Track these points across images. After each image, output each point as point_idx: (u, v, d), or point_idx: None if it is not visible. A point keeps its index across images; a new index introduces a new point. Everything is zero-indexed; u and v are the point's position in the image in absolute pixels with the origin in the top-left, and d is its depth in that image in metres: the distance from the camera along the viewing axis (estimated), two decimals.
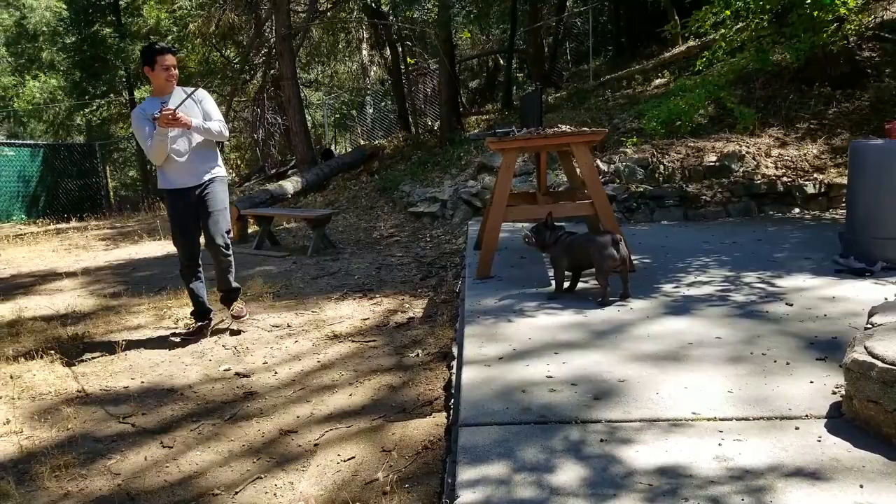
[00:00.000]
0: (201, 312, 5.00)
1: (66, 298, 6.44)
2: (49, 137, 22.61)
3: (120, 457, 3.09)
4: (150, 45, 4.70)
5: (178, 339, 4.85)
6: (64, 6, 23.40)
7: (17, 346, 4.81)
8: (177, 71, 4.70)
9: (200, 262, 4.93)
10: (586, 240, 4.35)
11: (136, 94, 20.34)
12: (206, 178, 4.77)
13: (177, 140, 4.63)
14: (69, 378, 4.14)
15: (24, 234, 12.02)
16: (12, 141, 19.29)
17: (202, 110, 4.75)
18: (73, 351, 4.69)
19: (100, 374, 4.21)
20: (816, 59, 8.72)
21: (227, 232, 4.89)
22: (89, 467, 3.00)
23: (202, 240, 4.88)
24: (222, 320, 5.17)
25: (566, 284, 4.53)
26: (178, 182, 4.72)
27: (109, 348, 4.72)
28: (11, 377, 4.17)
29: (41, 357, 4.51)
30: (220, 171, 4.90)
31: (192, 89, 4.76)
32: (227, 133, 4.85)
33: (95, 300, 6.32)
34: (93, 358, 4.53)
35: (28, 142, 19.20)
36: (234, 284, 5.08)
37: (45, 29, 24.13)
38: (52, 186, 17.14)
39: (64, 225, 13.86)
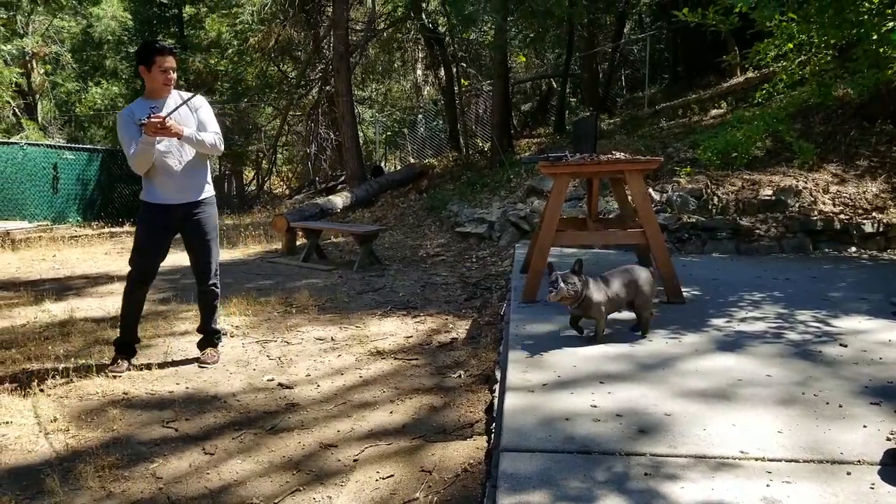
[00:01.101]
0: (131, 343, 4.56)
1: (117, 302, 6.51)
2: (108, 143, 23.31)
3: (162, 461, 3.13)
4: (149, 43, 4.25)
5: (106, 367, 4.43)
6: (129, 16, 24.24)
7: (67, 346, 4.93)
8: (175, 74, 4.28)
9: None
10: (624, 274, 4.04)
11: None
12: (198, 197, 4.38)
13: (169, 152, 4.23)
14: (116, 380, 4.22)
15: (79, 237, 12.38)
16: (72, 145, 19.92)
17: (197, 119, 4.33)
18: None
19: (146, 377, 4.28)
20: (880, 95, 8.51)
21: (217, 262, 4.57)
22: (132, 469, 3.04)
23: (172, 263, 4.58)
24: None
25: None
26: (166, 198, 4.29)
27: (156, 353, 4.81)
28: (62, 376, 4.26)
29: (90, 357, 4.61)
30: (211, 189, 4.50)
31: (190, 95, 4.35)
32: (221, 147, 4.41)
33: (146, 305, 6.45)
34: (140, 361, 4.61)
35: (87, 146, 19.80)
36: (218, 325, 4.73)
37: (109, 37, 24.98)
38: (108, 190, 17.64)
39: (118, 229, 14.24)
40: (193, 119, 4.31)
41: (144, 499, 2.78)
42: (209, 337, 4.68)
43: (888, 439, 2.60)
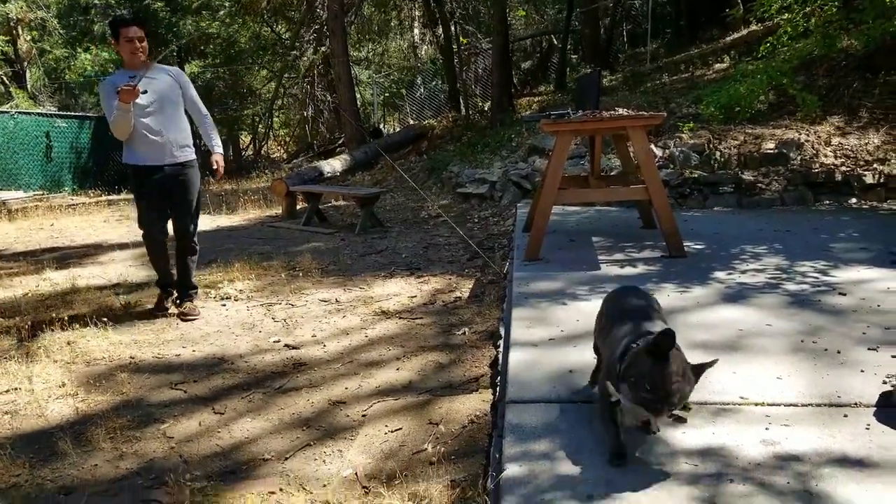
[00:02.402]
0: (171, 283, 4.98)
1: (119, 269, 6.62)
2: (100, 110, 23.06)
3: (173, 421, 3.18)
4: (114, 17, 4.48)
5: (153, 311, 4.91)
6: None
7: (71, 314, 4.96)
8: (144, 44, 4.41)
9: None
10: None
11: (187, 68, 20.63)
12: (182, 159, 4.62)
13: (150, 116, 4.45)
14: (122, 345, 4.26)
15: (76, 205, 12.34)
16: (64, 113, 19.70)
17: (188, 97, 4.64)
18: (125, 319, 4.81)
19: (152, 342, 4.32)
20: (885, 46, 8.41)
21: (198, 222, 4.83)
22: (143, 430, 3.09)
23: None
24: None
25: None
26: (149, 159, 4.52)
27: (161, 318, 4.83)
28: (67, 343, 4.30)
29: (94, 324, 4.64)
30: (193, 153, 4.74)
31: (172, 70, 4.66)
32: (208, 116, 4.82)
33: (147, 271, 6.46)
34: (145, 327, 4.65)
35: (79, 114, 19.57)
36: (194, 280, 4.97)
37: (96, 2, 24.55)
38: (103, 158, 17.40)
39: (115, 196, 14.20)
40: (178, 92, 4.60)
41: (157, 458, 2.83)
42: (188, 291, 4.93)
43: (884, 382, 2.65)
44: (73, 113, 19.80)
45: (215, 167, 4.75)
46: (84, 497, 2.51)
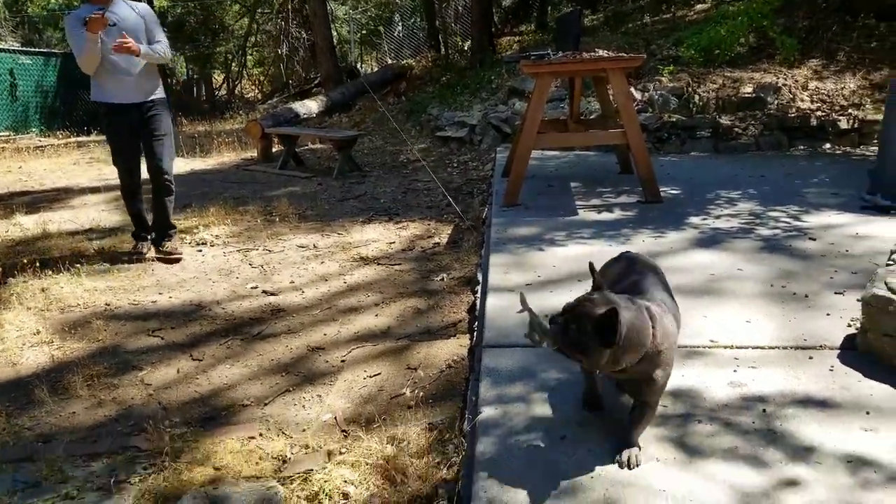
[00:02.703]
0: (146, 230, 4.97)
1: (90, 213, 6.51)
2: (66, 46, 22.30)
3: (151, 368, 3.19)
4: None
5: (129, 256, 4.90)
6: None
7: (43, 260, 4.87)
8: None
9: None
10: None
11: (156, 2, 20.03)
12: (151, 97, 4.61)
13: (118, 53, 4.37)
14: (97, 292, 4.23)
15: (45, 147, 12.02)
16: (28, 49, 18.92)
17: (147, 29, 4.54)
18: (99, 265, 4.75)
19: (127, 288, 4.29)
20: None
21: (173, 160, 4.80)
22: (121, 377, 3.10)
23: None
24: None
25: None
26: (118, 96, 4.51)
27: (136, 264, 4.78)
28: (41, 290, 4.24)
29: (68, 271, 4.58)
30: (162, 91, 4.74)
31: (137, 5, 4.59)
32: (169, 55, 4.68)
33: (120, 216, 6.37)
34: (119, 273, 4.61)
35: (44, 50, 18.80)
36: (172, 220, 4.94)
37: None
38: (71, 98, 16.85)
39: (84, 138, 13.84)
40: (142, 27, 4.51)
41: (136, 405, 2.85)
42: (169, 230, 4.88)
43: (849, 325, 2.73)
44: (37, 49, 19.06)
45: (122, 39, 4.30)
46: (62, 444, 2.53)
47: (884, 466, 1.90)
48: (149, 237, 4.97)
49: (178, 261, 4.77)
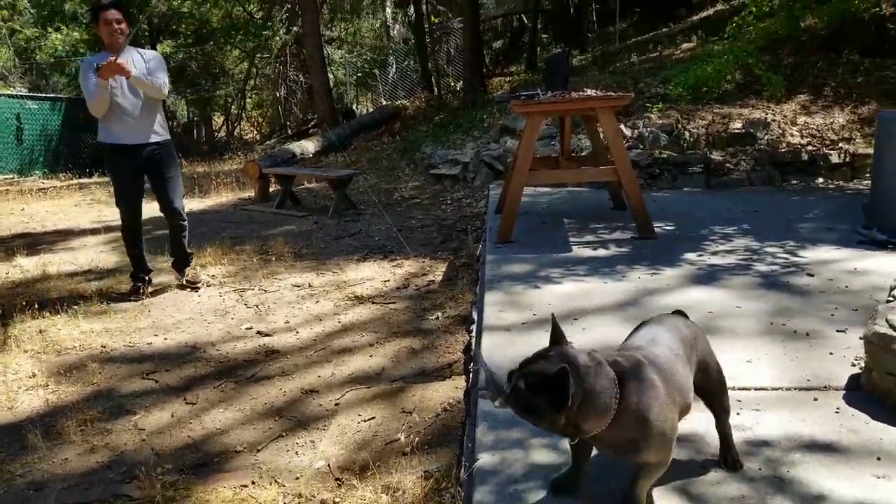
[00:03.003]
0: (144, 271, 5.09)
1: (90, 254, 6.52)
2: (71, 91, 22.54)
3: (144, 412, 3.16)
4: (94, 2, 4.75)
5: (127, 297, 4.98)
6: None
7: (41, 301, 4.88)
8: (123, 26, 4.63)
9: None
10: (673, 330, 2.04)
11: (159, 48, 20.28)
12: (154, 139, 4.81)
13: (124, 94, 4.66)
14: (94, 334, 4.21)
15: (47, 189, 12.12)
16: (35, 94, 19.21)
17: (148, 69, 4.72)
18: (97, 307, 4.75)
19: (123, 330, 4.28)
20: (846, 25, 8.50)
21: (181, 198, 5.03)
22: (114, 422, 3.07)
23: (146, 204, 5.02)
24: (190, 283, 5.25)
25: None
26: (122, 137, 4.74)
27: (131, 305, 4.78)
28: (38, 332, 4.25)
29: (66, 312, 4.58)
30: (167, 133, 4.96)
31: (145, 50, 4.95)
32: (165, 91, 4.80)
33: (118, 257, 6.39)
34: (116, 314, 4.60)
35: (50, 95, 19.10)
36: (189, 250, 5.23)
37: None
38: (75, 141, 17.07)
39: (86, 180, 13.94)
40: (143, 70, 4.71)
41: (128, 451, 2.81)
42: (186, 259, 5.20)
43: (853, 365, 2.70)
44: (44, 94, 19.28)
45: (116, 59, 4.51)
46: (54, 492, 2.49)
47: None
48: (146, 278, 5.07)
49: (198, 287, 5.10)
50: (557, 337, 1.78)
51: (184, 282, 5.17)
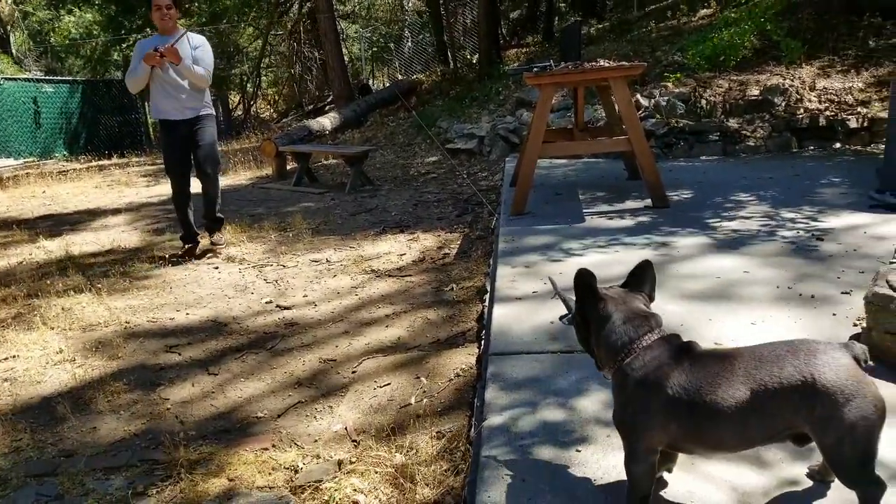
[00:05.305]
0: (191, 235, 5.54)
1: (112, 234, 6.66)
2: (87, 73, 22.72)
3: (169, 384, 3.27)
4: None
5: (168, 259, 5.49)
6: None
7: (66, 281, 5.03)
8: (173, 11, 5.16)
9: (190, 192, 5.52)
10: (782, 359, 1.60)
11: None
12: (195, 114, 5.32)
13: (171, 75, 5.17)
14: (118, 310, 4.34)
15: (67, 171, 12.30)
16: (51, 77, 19.39)
17: (194, 57, 5.21)
18: (120, 285, 4.88)
19: (146, 306, 4.40)
20: None
21: (217, 164, 5.50)
22: (140, 393, 3.18)
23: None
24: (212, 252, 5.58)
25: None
26: (167, 113, 5.29)
27: (154, 283, 4.91)
28: (63, 309, 4.38)
29: (90, 290, 4.72)
30: (209, 109, 5.47)
31: (194, 34, 5.41)
32: (209, 80, 5.32)
33: (140, 236, 6.54)
34: (139, 291, 4.72)
35: (66, 78, 19.29)
36: (219, 215, 5.66)
37: None
38: (92, 123, 17.27)
39: (105, 161, 14.14)
40: (189, 55, 5.18)
41: (154, 420, 2.92)
42: (216, 223, 5.66)
43: (854, 325, 2.74)
44: (60, 77, 19.48)
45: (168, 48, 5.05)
46: (83, 458, 2.61)
47: (888, 465, 1.85)
48: (192, 241, 5.54)
49: (221, 249, 5.57)
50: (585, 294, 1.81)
51: (210, 241, 5.61)
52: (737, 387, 1.57)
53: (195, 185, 5.50)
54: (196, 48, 5.27)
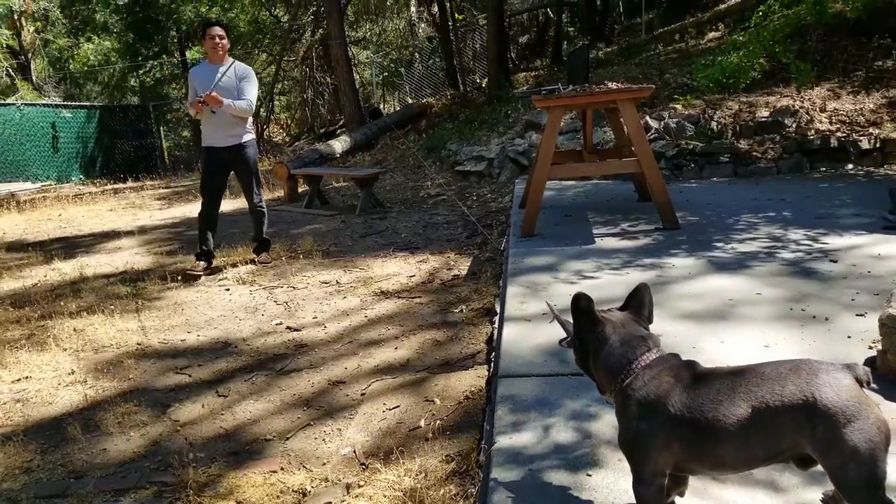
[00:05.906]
0: (206, 254, 5.73)
1: (125, 256, 6.71)
2: (104, 99, 23.05)
3: (178, 405, 3.27)
4: (204, 19, 5.43)
5: (180, 277, 5.57)
6: None
7: (79, 302, 5.06)
8: (224, 41, 5.51)
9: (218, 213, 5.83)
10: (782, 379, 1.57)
11: (189, 54, 20.65)
12: (238, 141, 5.61)
13: (216, 109, 5.45)
14: (129, 332, 4.36)
15: (83, 194, 12.43)
16: (69, 103, 19.68)
17: (238, 87, 5.51)
18: (132, 306, 4.91)
19: (158, 328, 4.41)
20: (877, 9, 8.36)
21: (260, 187, 5.90)
22: (150, 415, 3.18)
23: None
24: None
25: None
26: (209, 140, 5.62)
27: (165, 304, 4.93)
28: (75, 330, 4.40)
29: (102, 312, 4.74)
30: (250, 136, 5.76)
31: (241, 64, 5.66)
32: (251, 111, 5.64)
33: (152, 258, 6.58)
34: (151, 313, 4.74)
35: (84, 103, 19.57)
36: (266, 236, 5.99)
37: None
38: (109, 147, 17.48)
39: (120, 185, 14.26)
40: (235, 85, 5.51)
41: (163, 441, 2.92)
42: (263, 244, 5.99)
43: (870, 348, 2.71)
44: (78, 103, 19.75)
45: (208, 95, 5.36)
46: (93, 480, 2.61)
47: None
48: (205, 261, 5.70)
49: (268, 264, 5.82)
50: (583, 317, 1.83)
51: (257, 260, 5.89)
52: (738, 404, 1.56)
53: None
54: (242, 79, 5.54)
